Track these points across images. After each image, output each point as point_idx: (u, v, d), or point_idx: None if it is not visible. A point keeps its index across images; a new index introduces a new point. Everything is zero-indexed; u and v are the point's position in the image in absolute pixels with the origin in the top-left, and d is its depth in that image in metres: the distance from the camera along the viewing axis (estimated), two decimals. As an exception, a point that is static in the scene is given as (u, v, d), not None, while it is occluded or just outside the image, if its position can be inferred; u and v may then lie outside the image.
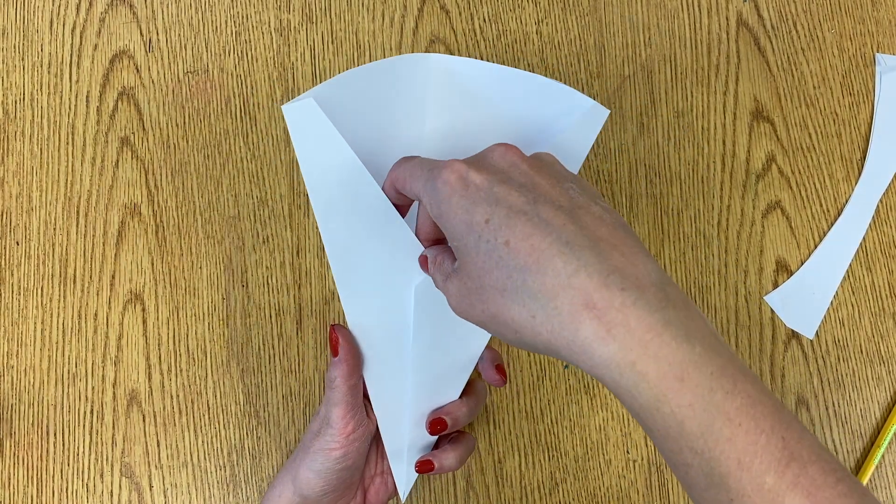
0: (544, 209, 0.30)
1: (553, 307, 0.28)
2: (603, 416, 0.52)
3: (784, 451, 0.26)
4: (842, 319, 0.54)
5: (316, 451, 0.40)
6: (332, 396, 0.40)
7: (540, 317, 0.29)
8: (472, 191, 0.31)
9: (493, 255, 0.30)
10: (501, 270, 0.30)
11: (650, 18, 0.56)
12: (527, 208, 0.30)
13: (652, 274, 0.29)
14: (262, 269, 0.51)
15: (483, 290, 0.31)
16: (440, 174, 0.32)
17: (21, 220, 0.51)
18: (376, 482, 0.44)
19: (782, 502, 0.26)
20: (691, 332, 0.28)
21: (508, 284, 0.29)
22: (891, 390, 0.53)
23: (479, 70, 0.41)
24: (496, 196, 0.31)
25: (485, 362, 0.44)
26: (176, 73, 0.53)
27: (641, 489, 0.51)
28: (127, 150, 0.52)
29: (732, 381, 0.27)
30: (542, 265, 0.29)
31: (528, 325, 0.29)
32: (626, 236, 0.30)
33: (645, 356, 0.27)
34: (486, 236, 0.30)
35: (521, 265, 0.29)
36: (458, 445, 0.44)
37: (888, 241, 0.55)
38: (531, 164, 0.33)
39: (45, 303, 0.50)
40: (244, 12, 0.54)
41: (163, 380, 0.50)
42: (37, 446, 0.49)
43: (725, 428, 0.27)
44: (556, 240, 0.29)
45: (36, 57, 0.53)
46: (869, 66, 0.57)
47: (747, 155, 0.55)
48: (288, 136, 0.53)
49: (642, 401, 0.27)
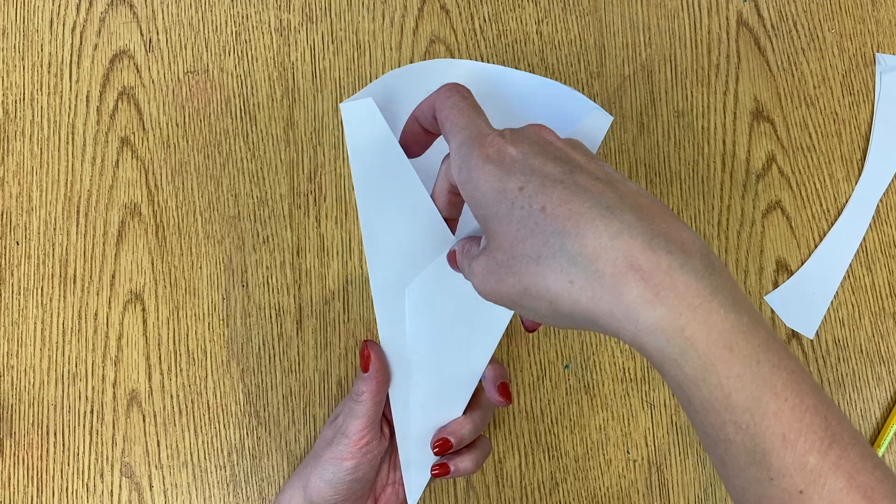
0: (581, 178, 0.29)
1: (594, 270, 0.27)
2: (603, 416, 0.52)
3: (827, 431, 0.26)
4: (842, 319, 0.54)
5: (327, 460, 0.40)
6: (355, 409, 0.40)
7: (579, 282, 0.27)
8: (507, 162, 0.30)
9: (527, 222, 0.29)
10: (537, 237, 0.28)
11: (650, 18, 0.56)
12: (563, 177, 0.29)
13: (696, 241, 0.28)
14: (262, 269, 0.51)
15: (515, 260, 0.29)
16: (478, 145, 0.31)
17: (21, 220, 0.51)
18: (388, 492, 0.44)
19: (824, 483, 0.25)
20: (738, 302, 0.27)
21: (544, 251, 0.28)
22: (891, 390, 0.53)
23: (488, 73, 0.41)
24: (532, 166, 0.30)
25: (487, 382, 0.43)
26: (176, 73, 0.53)
27: (641, 489, 0.51)
28: (127, 150, 0.52)
29: (777, 356, 0.26)
30: (581, 228, 0.27)
31: (565, 293, 0.27)
32: (665, 208, 0.29)
33: (694, 321, 0.26)
34: (521, 203, 0.29)
35: (559, 229, 0.28)
36: (474, 448, 0.43)
37: (888, 240, 0.55)
38: (566, 142, 0.32)
39: (45, 303, 0.50)
40: (244, 12, 0.54)
41: (163, 380, 0.50)
42: (37, 446, 0.49)
43: (772, 402, 0.25)
44: (596, 204, 0.28)
45: (36, 57, 0.53)
46: (869, 66, 0.57)
47: (747, 155, 0.55)
48: (287, 136, 0.53)
49: (688, 370, 0.26)
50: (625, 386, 0.52)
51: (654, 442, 0.51)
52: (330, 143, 0.53)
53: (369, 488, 0.42)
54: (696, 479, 0.51)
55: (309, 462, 0.41)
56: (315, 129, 0.53)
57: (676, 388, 0.27)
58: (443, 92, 0.35)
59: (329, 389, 0.51)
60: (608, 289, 0.26)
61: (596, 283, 0.27)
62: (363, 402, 0.40)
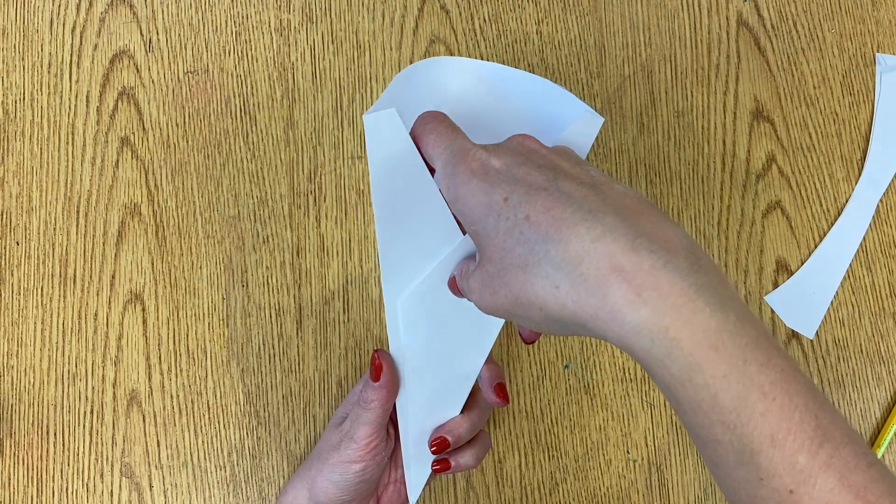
0: (565, 184, 0.29)
1: (578, 274, 0.27)
2: (603, 416, 0.52)
3: (817, 430, 0.25)
4: (842, 319, 0.54)
5: (335, 463, 0.40)
6: (363, 416, 0.40)
7: (564, 286, 0.27)
8: (491, 174, 0.31)
9: (513, 232, 0.29)
10: (523, 246, 0.29)
11: (650, 18, 0.56)
12: (547, 184, 0.29)
13: (682, 239, 0.28)
14: (262, 269, 0.51)
15: (505, 271, 0.30)
16: (461, 161, 0.32)
17: (21, 220, 0.51)
18: (389, 490, 0.44)
19: (814, 483, 0.25)
20: (724, 300, 0.26)
21: (531, 259, 0.28)
22: (891, 390, 0.53)
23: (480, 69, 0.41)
24: (515, 176, 0.30)
25: (484, 382, 0.43)
26: (176, 73, 0.53)
27: (641, 489, 0.51)
28: (127, 150, 0.52)
29: (766, 354, 0.26)
30: (564, 234, 0.27)
31: (552, 298, 0.28)
32: (651, 207, 0.29)
33: (678, 321, 0.25)
34: (506, 214, 0.29)
35: (543, 236, 0.28)
36: (475, 443, 0.44)
37: (888, 240, 0.55)
38: (550, 150, 0.32)
39: (45, 303, 0.50)
40: (244, 12, 0.54)
41: (163, 380, 0.50)
42: (37, 446, 0.49)
43: (759, 402, 0.25)
44: (579, 209, 0.28)
45: (36, 57, 0.53)
46: (869, 66, 0.57)
47: (747, 155, 0.55)
48: (287, 136, 0.53)
49: (674, 370, 0.26)
50: (625, 386, 0.52)
51: (653, 442, 0.51)
52: (330, 143, 0.53)
53: (374, 487, 0.43)
54: (696, 479, 0.51)
55: (312, 464, 0.42)
56: (315, 129, 0.53)
57: (665, 389, 0.27)
58: (418, 123, 0.36)
59: (329, 389, 0.51)
60: (592, 291, 0.27)
61: (581, 287, 0.27)
62: (372, 410, 0.40)
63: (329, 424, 0.44)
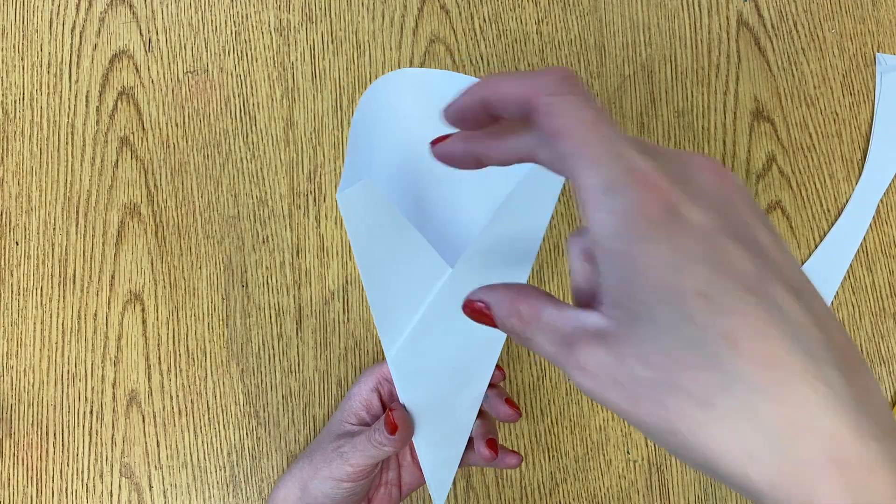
0: (776, 288, 0.21)
1: (788, 450, 0.20)
2: (603, 417, 0.52)
3: None
4: (842, 319, 0.54)
5: (326, 477, 0.41)
6: (369, 451, 0.40)
7: (762, 458, 0.20)
8: (686, 236, 0.21)
9: (700, 345, 0.20)
10: (712, 375, 0.20)
11: (650, 18, 0.56)
12: (757, 285, 0.21)
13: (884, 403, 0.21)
14: (262, 269, 0.51)
15: (667, 389, 0.21)
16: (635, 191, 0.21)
17: (21, 220, 0.51)
18: (380, 492, 0.44)
19: None
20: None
21: (721, 402, 0.20)
22: (891, 390, 0.53)
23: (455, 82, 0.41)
24: (717, 255, 0.21)
25: (491, 400, 0.43)
26: (176, 73, 0.53)
27: (641, 489, 0.51)
28: (127, 150, 0.52)
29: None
30: (782, 388, 0.20)
31: (736, 463, 0.20)
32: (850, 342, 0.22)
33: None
34: (699, 318, 0.20)
35: (751, 381, 0.20)
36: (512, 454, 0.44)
37: (888, 240, 0.55)
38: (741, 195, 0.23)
39: (45, 303, 0.50)
40: (244, 12, 0.54)
41: (162, 380, 0.50)
42: (37, 446, 0.49)
43: None
44: (796, 343, 0.20)
45: (36, 57, 0.53)
46: (869, 66, 0.57)
47: (748, 155, 0.55)
48: (287, 136, 0.53)
49: None
50: (625, 386, 0.52)
51: (653, 442, 0.51)
52: (330, 143, 0.53)
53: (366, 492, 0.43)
54: (696, 480, 0.51)
55: (304, 465, 0.42)
56: (315, 129, 0.53)
57: None
58: (550, 83, 0.23)
59: (329, 389, 0.51)
60: (798, 480, 0.20)
61: (785, 467, 0.20)
62: (379, 452, 0.40)
63: (329, 425, 0.44)
